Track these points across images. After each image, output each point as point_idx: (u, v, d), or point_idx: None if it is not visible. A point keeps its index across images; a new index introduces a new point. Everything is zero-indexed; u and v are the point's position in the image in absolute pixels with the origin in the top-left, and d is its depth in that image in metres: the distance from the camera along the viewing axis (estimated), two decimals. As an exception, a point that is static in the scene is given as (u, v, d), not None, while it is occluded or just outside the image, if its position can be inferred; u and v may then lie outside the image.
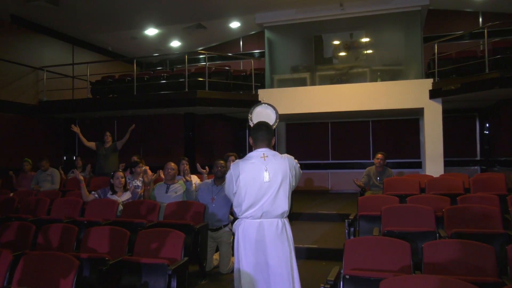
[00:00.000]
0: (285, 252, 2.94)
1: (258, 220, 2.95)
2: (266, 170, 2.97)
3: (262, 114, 3.50)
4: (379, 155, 7.14)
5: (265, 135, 3.09)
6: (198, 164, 5.67)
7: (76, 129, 8.01)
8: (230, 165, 5.40)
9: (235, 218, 3.13)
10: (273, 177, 2.96)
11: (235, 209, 3.06)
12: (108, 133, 8.18)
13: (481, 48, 9.51)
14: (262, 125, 3.14)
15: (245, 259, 2.92)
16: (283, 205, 2.97)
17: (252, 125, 3.34)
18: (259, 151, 3.06)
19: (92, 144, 8.19)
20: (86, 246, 3.96)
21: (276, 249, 2.92)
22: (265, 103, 3.60)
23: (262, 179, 2.95)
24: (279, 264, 2.90)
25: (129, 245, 3.88)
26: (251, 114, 3.51)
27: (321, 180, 11.62)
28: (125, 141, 8.16)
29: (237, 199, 3.00)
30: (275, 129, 3.42)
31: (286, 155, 3.09)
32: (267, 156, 3.02)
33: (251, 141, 3.16)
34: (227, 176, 3.09)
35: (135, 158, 6.89)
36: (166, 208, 5.03)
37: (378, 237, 3.65)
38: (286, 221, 3.03)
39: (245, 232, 2.95)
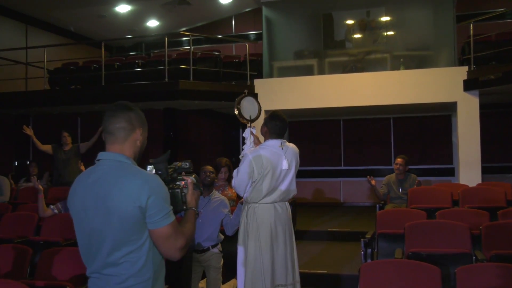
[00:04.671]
0: (293, 231, 3.96)
1: (272, 204, 3.82)
2: (285, 158, 3.84)
3: (248, 108, 4.31)
4: (399, 159, 7.17)
5: (284, 128, 3.93)
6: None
7: (29, 131, 7.95)
8: (221, 177, 5.81)
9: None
10: (290, 164, 3.86)
11: (251, 196, 3.84)
12: (65, 133, 8.12)
13: (527, 29, 9.56)
14: (281, 117, 3.92)
15: (264, 241, 3.74)
16: (295, 189, 3.95)
17: (239, 116, 4.23)
18: (277, 141, 3.89)
19: (48, 148, 8.14)
20: (43, 272, 3.94)
21: (290, 228, 3.90)
22: (249, 96, 4.41)
23: (281, 167, 3.82)
24: (293, 241, 3.91)
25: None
26: (239, 105, 4.25)
27: (331, 191, 11.62)
28: (91, 144, 8.10)
29: (257, 186, 3.79)
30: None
31: (291, 143, 4.00)
32: (284, 146, 3.88)
33: (264, 130, 3.95)
34: (245, 165, 3.80)
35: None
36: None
37: (401, 260, 3.66)
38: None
39: (262, 215, 3.79)
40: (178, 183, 2.26)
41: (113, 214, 2.00)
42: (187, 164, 2.35)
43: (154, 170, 2.24)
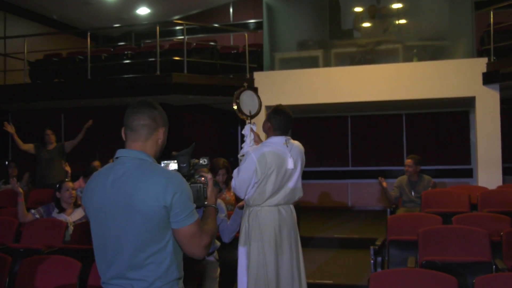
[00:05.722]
0: (299, 237, 3.96)
1: (276, 207, 3.82)
2: (290, 157, 3.83)
3: (248, 103, 4.28)
4: (408, 160, 7.18)
5: (289, 124, 3.93)
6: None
7: (10, 128, 7.97)
8: (218, 179, 5.86)
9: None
10: (295, 164, 3.86)
11: (253, 198, 3.82)
12: (49, 131, 8.15)
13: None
14: (286, 111, 3.93)
15: (268, 247, 3.74)
16: (300, 191, 3.95)
17: (238, 111, 4.17)
18: (281, 138, 3.88)
19: (30, 147, 8.16)
20: (23, 283, 3.94)
21: (295, 234, 3.90)
22: (249, 90, 4.36)
23: (286, 166, 3.81)
24: (299, 248, 3.91)
25: (81, 280, 3.87)
26: (238, 99, 4.20)
27: (338, 194, 11.62)
28: (77, 143, 8.14)
29: (260, 187, 3.78)
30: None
31: (296, 141, 4.00)
32: (288, 143, 3.87)
33: (267, 126, 3.94)
34: (248, 164, 3.78)
35: (95, 164, 6.89)
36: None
37: (414, 269, 3.66)
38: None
39: (265, 219, 3.78)
40: (197, 178, 2.39)
41: (136, 214, 2.07)
42: (205, 160, 2.48)
43: (170, 165, 2.37)
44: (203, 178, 2.38)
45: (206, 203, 2.35)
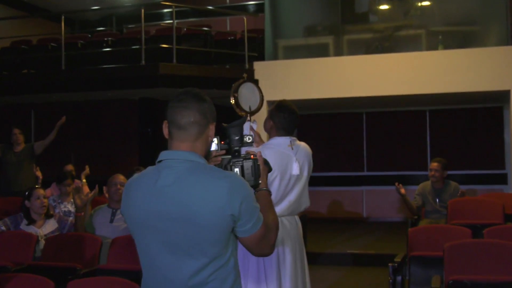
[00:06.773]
0: (304, 253, 3.98)
1: (278, 218, 3.56)
2: (296, 161, 3.82)
3: (248, 97, 4.25)
4: (434, 163, 7.15)
5: (294, 122, 3.93)
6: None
7: None
8: None
9: None
10: (301, 169, 3.85)
11: None
12: (16, 130, 8.17)
13: None
14: (290, 108, 3.93)
15: (269, 265, 3.72)
16: (307, 200, 3.96)
17: (237, 107, 4.12)
18: (285, 139, 3.87)
19: None
20: (-13, 305, 3.94)
21: (301, 249, 3.91)
22: (249, 82, 4.31)
23: (291, 171, 3.80)
24: (305, 265, 3.93)
25: (54, 302, 3.88)
26: (236, 93, 4.15)
27: (351, 203, 11.61)
28: (49, 143, 8.14)
29: None
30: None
31: (303, 142, 4.01)
32: (294, 145, 3.87)
33: (269, 125, 3.95)
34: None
35: (69, 168, 6.88)
36: (112, 245, 5.03)
37: (439, 290, 3.66)
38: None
39: None
40: (245, 155, 2.40)
41: (197, 226, 2.04)
42: (250, 138, 2.52)
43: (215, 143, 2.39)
44: (252, 156, 2.40)
45: (260, 182, 2.36)
